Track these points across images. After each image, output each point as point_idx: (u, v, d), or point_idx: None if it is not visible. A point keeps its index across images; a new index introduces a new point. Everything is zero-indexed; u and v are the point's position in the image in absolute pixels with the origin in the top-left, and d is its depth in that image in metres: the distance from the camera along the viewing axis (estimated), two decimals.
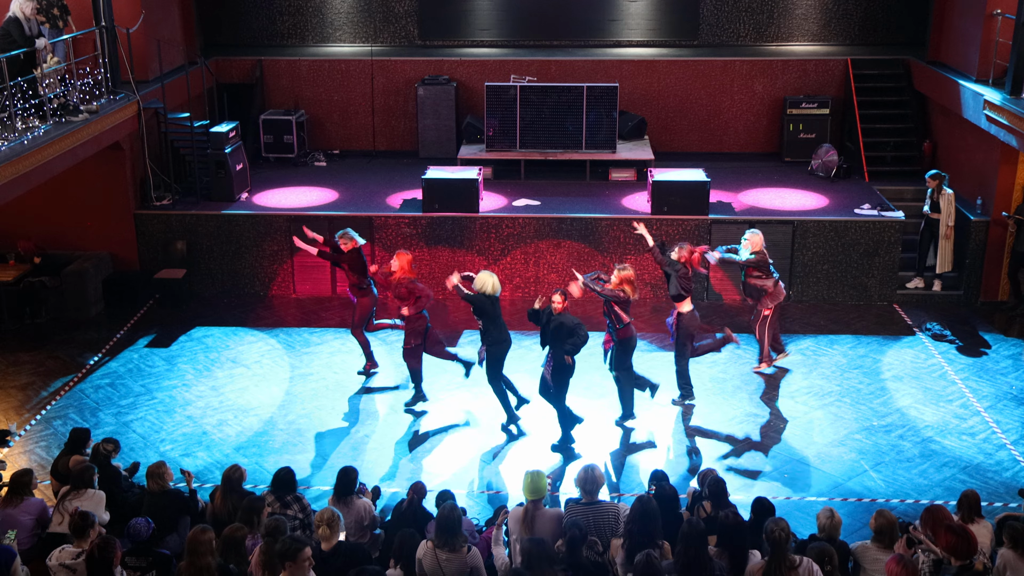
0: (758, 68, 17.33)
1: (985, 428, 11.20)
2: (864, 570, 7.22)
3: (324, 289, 14.63)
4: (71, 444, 9.16)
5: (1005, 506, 9.67)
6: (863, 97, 16.80)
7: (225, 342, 13.29)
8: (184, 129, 15.12)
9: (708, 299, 14.47)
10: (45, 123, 11.88)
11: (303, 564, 6.54)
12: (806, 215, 14.49)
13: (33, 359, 12.86)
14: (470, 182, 14.44)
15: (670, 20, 18.40)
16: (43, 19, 11.92)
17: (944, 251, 13.99)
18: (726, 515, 7.22)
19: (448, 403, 11.69)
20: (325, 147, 17.79)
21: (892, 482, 10.19)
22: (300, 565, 6.53)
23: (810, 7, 18.29)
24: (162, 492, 8.17)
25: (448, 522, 7.02)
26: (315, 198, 15.23)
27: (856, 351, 13.00)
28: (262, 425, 11.28)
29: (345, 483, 8.15)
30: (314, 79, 17.62)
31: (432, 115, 17.12)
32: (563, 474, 10.29)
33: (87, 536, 7.20)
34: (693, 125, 17.60)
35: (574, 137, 16.13)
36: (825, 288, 14.46)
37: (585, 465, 7.76)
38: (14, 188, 11.13)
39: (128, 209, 14.61)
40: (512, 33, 18.48)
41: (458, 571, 7.00)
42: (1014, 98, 13.11)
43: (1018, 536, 7.08)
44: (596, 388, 11.92)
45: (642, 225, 11.75)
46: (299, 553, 6.52)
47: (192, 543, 6.75)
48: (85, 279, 13.99)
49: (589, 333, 10.39)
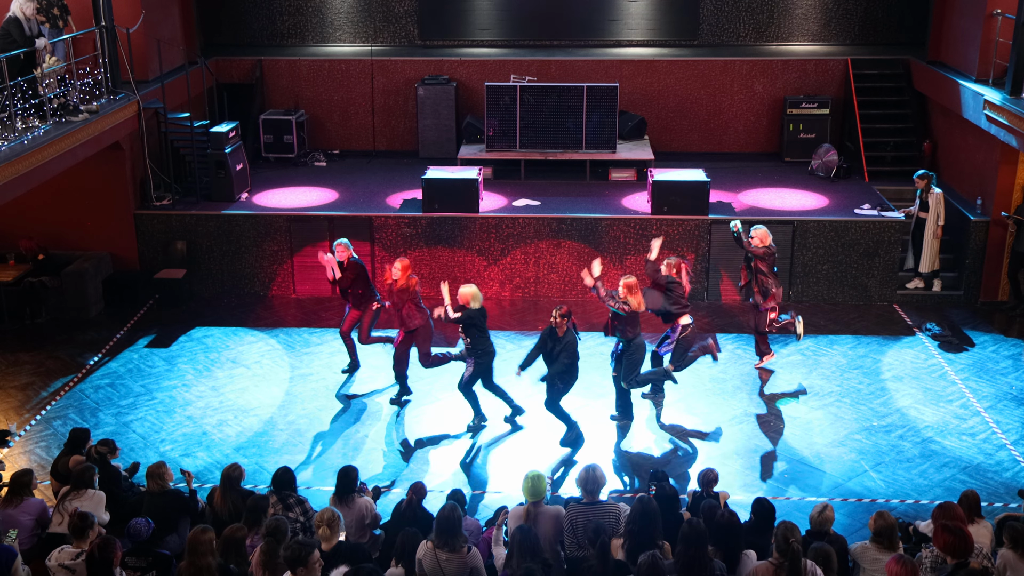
0: (758, 68, 17.33)
1: (985, 428, 11.20)
2: (864, 570, 7.22)
3: (324, 289, 14.61)
4: (71, 444, 9.17)
5: (1005, 506, 9.68)
6: (863, 97, 16.81)
7: (225, 342, 13.29)
8: (184, 129, 15.12)
9: (708, 299, 14.47)
10: (45, 123, 11.88)
11: (314, 567, 6.55)
12: (806, 215, 14.50)
13: (33, 359, 12.86)
14: (470, 182, 14.44)
15: (670, 20, 18.41)
16: (43, 19, 11.92)
17: (932, 250, 13.98)
18: (722, 514, 7.22)
19: (448, 403, 11.68)
20: (325, 147, 17.79)
21: (892, 482, 10.19)
22: (312, 568, 6.54)
23: (810, 7, 18.29)
24: (162, 492, 8.17)
25: (448, 522, 7.01)
26: (315, 198, 15.23)
27: (856, 351, 13.01)
28: (262, 425, 11.27)
29: (346, 483, 8.16)
30: (314, 79, 17.62)
31: (432, 115, 17.12)
32: (567, 470, 10.30)
33: (86, 536, 7.19)
34: (693, 125, 17.60)
35: (574, 137, 16.13)
36: (825, 288, 14.46)
37: (586, 465, 7.76)
38: (14, 188, 11.13)
39: (128, 209, 14.61)
40: (512, 33, 18.48)
41: (458, 571, 7.00)
42: (1014, 98, 13.11)
43: (1018, 536, 7.08)
44: (596, 388, 11.92)
45: (658, 241, 11.64)
46: (309, 557, 6.53)
47: (193, 543, 6.75)
48: (85, 279, 13.99)
49: (580, 335, 10.60)
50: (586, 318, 13.91)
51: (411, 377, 11.70)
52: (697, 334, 11.56)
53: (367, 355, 12.58)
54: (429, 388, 11.91)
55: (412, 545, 7.26)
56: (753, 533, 7.57)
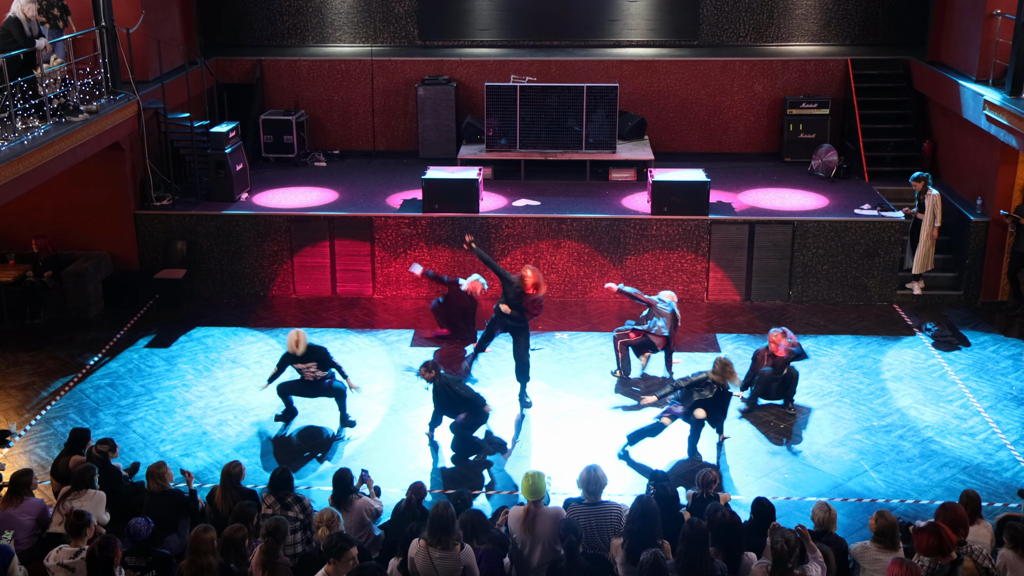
0: (758, 68, 17.33)
1: (985, 428, 11.20)
2: (864, 570, 7.22)
3: (324, 289, 14.63)
4: (71, 444, 9.18)
5: (1005, 506, 9.68)
6: (863, 97, 16.81)
7: (225, 342, 13.29)
8: (184, 129, 15.12)
9: (708, 299, 14.47)
10: (45, 123, 11.88)
11: (348, 563, 6.60)
12: (806, 215, 14.49)
13: (33, 359, 12.86)
14: (470, 182, 14.44)
15: (670, 20, 18.40)
16: (43, 19, 11.92)
17: (928, 252, 13.97)
18: (722, 514, 7.23)
19: None
20: (325, 147, 17.79)
21: (892, 482, 10.18)
22: (345, 563, 6.59)
23: (810, 7, 18.29)
24: (162, 492, 8.18)
25: (441, 520, 7.00)
26: (315, 198, 15.23)
27: (856, 351, 13.00)
28: (262, 425, 11.27)
29: (342, 487, 8.18)
30: (314, 79, 17.62)
31: (432, 115, 17.12)
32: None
33: (83, 535, 7.20)
34: (693, 125, 17.60)
35: (574, 137, 16.13)
36: (825, 288, 14.46)
37: (587, 466, 7.77)
38: (14, 188, 11.12)
39: (128, 209, 14.61)
40: (512, 33, 18.48)
41: (451, 569, 6.99)
42: (1014, 98, 13.11)
43: (1018, 536, 7.09)
44: (596, 388, 11.94)
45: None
46: (345, 552, 6.59)
47: (194, 542, 6.76)
48: (85, 279, 13.99)
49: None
50: (586, 318, 13.94)
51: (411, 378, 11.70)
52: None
53: (367, 355, 12.59)
54: (430, 387, 11.92)
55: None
56: (753, 533, 7.57)
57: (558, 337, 13.18)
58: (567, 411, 11.50)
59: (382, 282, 14.58)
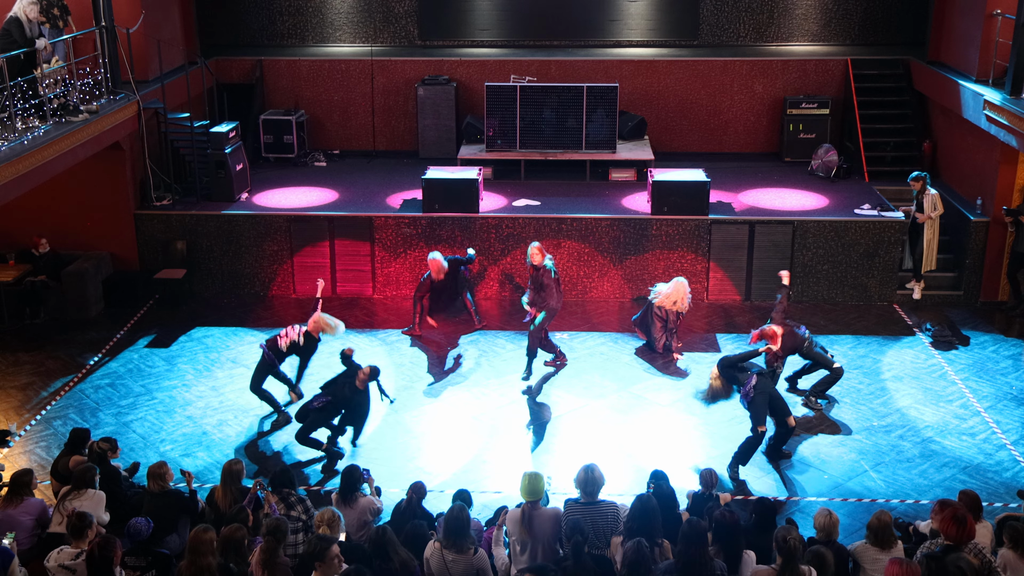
0: (758, 68, 17.33)
1: (985, 428, 11.20)
2: (864, 570, 7.22)
3: (324, 289, 14.59)
4: (71, 444, 9.17)
5: (1005, 506, 9.68)
6: (863, 97, 16.81)
7: (225, 342, 13.29)
8: (184, 129, 15.12)
9: (708, 299, 14.47)
10: (45, 123, 11.88)
11: (332, 562, 6.58)
12: (806, 215, 14.49)
13: (33, 359, 12.86)
14: (470, 182, 14.44)
15: (670, 20, 18.40)
16: (43, 20, 11.92)
17: (930, 251, 13.96)
18: (722, 514, 7.22)
19: (448, 403, 11.69)
20: (325, 147, 17.79)
21: (892, 482, 10.19)
22: (330, 563, 6.57)
23: (810, 7, 18.29)
24: (162, 492, 8.18)
25: (457, 523, 7.03)
26: (315, 198, 15.23)
27: (856, 351, 13.00)
28: (262, 425, 11.27)
29: (349, 483, 8.20)
30: (314, 79, 17.63)
31: (432, 115, 17.12)
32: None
33: (85, 536, 7.20)
34: (693, 125, 17.60)
35: (574, 137, 16.13)
36: (825, 288, 14.46)
37: (584, 465, 7.76)
38: (14, 188, 11.12)
39: (128, 209, 14.61)
40: (512, 33, 18.48)
41: (464, 572, 7.01)
42: (1014, 98, 13.11)
43: (1018, 536, 7.09)
44: (596, 388, 11.94)
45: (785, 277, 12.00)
46: (326, 552, 6.58)
47: (194, 542, 6.75)
48: (85, 279, 13.99)
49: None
50: (586, 318, 13.93)
51: (411, 378, 11.69)
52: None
53: (367, 355, 12.60)
54: (430, 387, 11.92)
55: (419, 537, 7.30)
56: (753, 533, 7.57)
57: (558, 337, 13.18)
58: (567, 411, 11.50)
59: (382, 282, 14.59)
